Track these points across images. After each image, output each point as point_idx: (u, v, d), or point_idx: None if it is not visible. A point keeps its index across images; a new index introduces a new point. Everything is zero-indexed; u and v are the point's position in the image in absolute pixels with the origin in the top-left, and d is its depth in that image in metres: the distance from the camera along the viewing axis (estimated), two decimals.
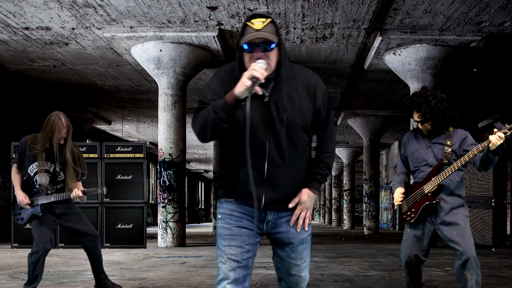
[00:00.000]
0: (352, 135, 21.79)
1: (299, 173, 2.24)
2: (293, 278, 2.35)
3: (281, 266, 2.36)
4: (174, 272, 5.94)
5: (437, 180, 3.35)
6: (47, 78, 13.05)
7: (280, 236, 2.28)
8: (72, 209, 4.34)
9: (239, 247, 2.17)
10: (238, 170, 2.18)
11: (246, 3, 8.47)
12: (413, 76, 10.60)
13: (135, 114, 17.96)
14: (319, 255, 8.49)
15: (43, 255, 4.09)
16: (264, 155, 2.13)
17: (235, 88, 2.02)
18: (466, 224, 3.35)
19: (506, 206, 10.96)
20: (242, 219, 2.21)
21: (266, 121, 2.12)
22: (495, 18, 9.00)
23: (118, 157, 9.91)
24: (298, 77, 2.19)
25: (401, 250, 3.61)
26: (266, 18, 2.08)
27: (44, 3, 8.39)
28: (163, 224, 10.45)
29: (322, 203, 48.74)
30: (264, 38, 2.04)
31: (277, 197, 2.20)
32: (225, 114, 2.03)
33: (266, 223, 2.26)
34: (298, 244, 2.30)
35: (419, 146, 3.51)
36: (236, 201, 2.23)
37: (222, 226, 2.22)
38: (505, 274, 5.89)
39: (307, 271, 2.41)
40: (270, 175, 2.16)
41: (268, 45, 2.06)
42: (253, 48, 2.06)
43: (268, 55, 2.08)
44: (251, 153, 2.07)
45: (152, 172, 29.34)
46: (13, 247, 9.68)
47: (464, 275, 3.28)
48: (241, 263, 2.17)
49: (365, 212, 19.78)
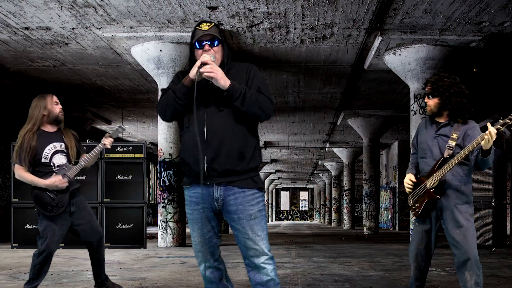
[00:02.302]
0: (352, 135, 21.79)
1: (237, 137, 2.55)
2: (250, 251, 2.56)
3: (239, 243, 2.61)
4: (174, 272, 5.94)
5: (438, 175, 3.31)
6: (47, 78, 13.05)
7: (230, 214, 2.59)
8: (83, 204, 4.30)
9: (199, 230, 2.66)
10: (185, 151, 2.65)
11: (246, 3, 8.47)
12: (413, 76, 10.60)
13: (135, 114, 17.96)
14: (319, 255, 8.49)
15: (51, 255, 4.08)
16: (203, 125, 2.55)
17: (189, 73, 2.56)
18: (469, 224, 3.30)
19: (506, 206, 10.96)
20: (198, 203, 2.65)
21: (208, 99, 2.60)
22: (495, 18, 9.00)
23: (118, 157, 9.91)
24: (236, 66, 2.72)
25: (410, 244, 3.59)
26: (211, 23, 2.64)
27: (44, 3, 8.39)
28: (163, 224, 10.46)
29: (322, 203, 48.76)
30: (210, 35, 2.60)
31: (219, 163, 2.53)
32: (181, 94, 2.56)
33: (216, 201, 2.59)
34: (247, 220, 2.56)
35: (427, 136, 3.49)
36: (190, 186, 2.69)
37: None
38: (505, 274, 5.90)
39: (264, 247, 2.57)
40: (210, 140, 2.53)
41: (213, 42, 2.61)
42: (202, 45, 2.62)
43: (214, 50, 2.62)
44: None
45: (152, 172, 29.33)
46: (13, 247, 9.68)
47: (464, 275, 3.26)
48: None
49: (365, 212, 19.78)
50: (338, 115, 17.82)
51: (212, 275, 2.68)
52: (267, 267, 2.55)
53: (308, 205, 62.50)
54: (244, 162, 2.57)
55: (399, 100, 15.66)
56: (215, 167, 2.54)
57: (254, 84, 2.63)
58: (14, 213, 9.70)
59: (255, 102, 2.53)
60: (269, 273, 2.56)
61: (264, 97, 2.58)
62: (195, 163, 2.55)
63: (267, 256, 2.56)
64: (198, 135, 2.50)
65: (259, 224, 2.58)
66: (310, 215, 61.57)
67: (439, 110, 3.44)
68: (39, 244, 4.07)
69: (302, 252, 9.03)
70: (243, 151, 2.56)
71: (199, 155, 2.49)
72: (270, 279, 2.55)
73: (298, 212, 61.74)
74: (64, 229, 4.17)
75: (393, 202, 25.41)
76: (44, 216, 4.08)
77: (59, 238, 4.14)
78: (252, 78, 2.66)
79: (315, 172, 39.96)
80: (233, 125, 2.55)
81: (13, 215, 9.69)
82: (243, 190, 2.58)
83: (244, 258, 2.61)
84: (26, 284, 4.11)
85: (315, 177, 44.56)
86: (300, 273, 5.78)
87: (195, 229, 2.65)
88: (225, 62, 2.67)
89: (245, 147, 2.57)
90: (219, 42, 2.63)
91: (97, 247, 4.35)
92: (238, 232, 2.59)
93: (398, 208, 23.73)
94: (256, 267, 2.56)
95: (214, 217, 2.65)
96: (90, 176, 9.47)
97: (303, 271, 6.04)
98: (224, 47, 2.67)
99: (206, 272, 2.67)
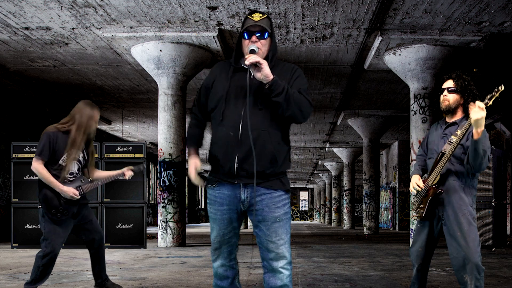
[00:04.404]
0: (352, 135, 21.79)
1: (273, 138, 2.47)
2: (270, 254, 2.50)
3: (260, 244, 2.55)
4: (174, 272, 5.94)
5: (437, 170, 3.30)
6: (47, 78, 13.06)
7: (255, 215, 2.51)
8: (87, 206, 4.31)
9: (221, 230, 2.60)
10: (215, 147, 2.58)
11: (246, 3, 8.47)
12: (413, 76, 10.60)
13: (135, 114, 17.96)
14: (319, 255, 8.49)
15: (55, 257, 4.07)
16: (239, 122, 2.47)
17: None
18: (471, 227, 3.24)
19: (506, 206, 10.96)
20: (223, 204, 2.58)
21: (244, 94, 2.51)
22: (495, 18, 9.00)
23: (118, 157, 9.90)
24: (281, 65, 2.62)
25: (412, 244, 3.58)
26: (264, 14, 2.52)
27: (44, 3, 8.39)
28: (163, 224, 10.46)
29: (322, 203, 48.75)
30: (260, 27, 2.48)
31: (250, 164, 2.45)
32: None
33: (242, 203, 2.51)
34: (272, 222, 2.49)
35: (436, 137, 3.48)
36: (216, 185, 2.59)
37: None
38: (505, 274, 5.90)
39: (286, 250, 2.52)
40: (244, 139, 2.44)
41: (262, 34, 2.50)
42: (250, 36, 2.50)
43: (262, 43, 2.51)
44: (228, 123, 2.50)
45: (152, 172, 29.33)
46: (13, 247, 9.68)
47: (463, 278, 3.23)
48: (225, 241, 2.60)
49: (365, 212, 19.79)
50: (338, 115, 17.83)
51: (225, 273, 2.62)
52: (284, 272, 2.50)
53: (308, 205, 62.49)
54: (275, 166, 2.49)
55: (399, 100, 15.66)
56: (245, 168, 2.45)
57: (296, 84, 2.53)
58: (14, 213, 9.70)
59: (296, 102, 2.43)
60: (285, 279, 2.50)
61: (304, 98, 2.48)
62: (226, 161, 2.47)
63: (286, 260, 2.51)
64: (232, 132, 2.44)
65: (284, 227, 2.51)
66: (310, 215, 61.55)
67: (456, 107, 3.39)
68: (43, 246, 4.04)
69: (302, 252, 9.03)
70: (275, 155, 2.47)
71: (232, 153, 2.44)
72: (284, 285, 2.50)
73: (298, 212, 61.71)
74: (68, 230, 4.17)
75: (393, 202, 25.41)
76: (49, 218, 4.06)
77: (63, 240, 4.14)
78: (295, 79, 2.56)
79: (315, 172, 39.96)
80: (269, 126, 2.46)
81: (13, 215, 9.69)
82: (269, 192, 2.50)
83: (263, 260, 2.55)
84: (26, 284, 4.09)
85: (315, 177, 44.56)
86: (300, 273, 5.78)
87: (216, 229, 2.58)
88: (269, 57, 2.55)
89: (278, 150, 2.49)
90: (269, 35, 2.52)
91: (98, 247, 4.35)
92: (262, 233, 2.52)
93: (398, 208, 23.73)
94: (273, 270, 2.50)
95: (237, 218, 2.58)
96: None
97: (303, 271, 6.04)
98: (273, 41, 2.56)
99: (220, 269, 2.61)
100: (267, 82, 2.40)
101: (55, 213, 4.03)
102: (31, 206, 9.48)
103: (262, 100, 2.46)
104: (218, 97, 2.54)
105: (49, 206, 4.03)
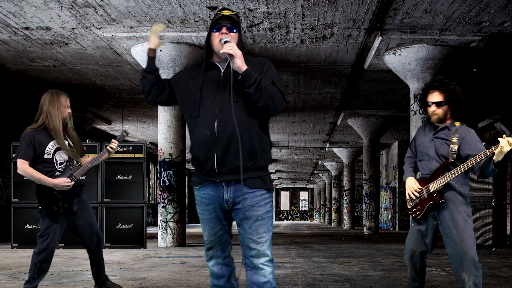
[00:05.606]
0: (352, 135, 21.79)
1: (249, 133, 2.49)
2: (252, 251, 2.54)
3: (242, 242, 2.58)
4: (174, 272, 5.94)
5: (443, 180, 3.31)
6: (47, 78, 13.06)
7: (237, 212, 2.56)
8: (86, 205, 4.31)
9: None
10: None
11: (246, 3, 8.47)
12: (413, 76, 10.60)
13: (135, 114, 17.96)
14: (319, 255, 8.49)
15: (52, 254, 4.08)
16: (214, 119, 2.50)
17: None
18: (467, 225, 3.29)
19: (506, 206, 10.96)
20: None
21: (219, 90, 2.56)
22: (495, 18, 9.00)
23: (118, 157, 9.90)
24: (249, 59, 2.62)
25: (406, 245, 3.60)
26: (233, 11, 2.61)
27: (44, 3, 8.39)
28: (163, 224, 10.46)
29: (322, 203, 48.75)
30: (230, 20, 2.57)
31: (229, 160, 2.48)
32: (147, 66, 2.71)
33: (226, 202, 2.56)
34: (254, 221, 2.53)
35: (425, 139, 3.51)
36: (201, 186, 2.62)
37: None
38: (505, 274, 5.90)
39: (267, 248, 2.55)
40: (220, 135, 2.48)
41: (232, 27, 2.57)
42: (220, 29, 2.57)
43: (232, 36, 2.57)
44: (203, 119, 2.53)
45: (152, 172, 29.33)
46: (13, 247, 9.68)
47: (461, 276, 3.25)
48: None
49: (365, 212, 19.79)
50: (338, 115, 17.82)
51: (221, 271, 2.67)
52: (266, 269, 2.53)
53: (308, 205, 62.48)
54: (255, 159, 2.52)
55: (399, 100, 15.66)
56: (225, 164, 2.49)
57: (268, 76, 2.56)
58: (14, 213, 9.70)
59: (269, 92, 2.45)
60: (267, 275, 2.53)
61: (277, 90, 2.51)
62: (207, 161, 2.51)
63: (267, 257, 2.54)
64: (207, 130, 2.48)
65: (265, 225, 2.56)
66: (310, 215, 61.55)
67: (445, 117, 3.43)
68: (40, 243, 4.06)
69: (302, 252, 9.03)
70: (253, 148, 2.50)
71: (211, 152, 2.48)
72: (267, 281, 2.53)
73: (298, 212, 61.70)
74: (64, 227, 4.18)
75: (393, 202, 25.41)
76: (47, 215, 4.07)
77: (59, 237, 4.15)
78: (266, 71, 2.59)
79: (315, 172, 39.96)
80: (245, 119, 2.50)
81: (13, 215, 9.70)
82: (252, 191, 2.54)
83: (244, 257, 2.59)
84: (26, 283, 4.09)
85: (315, 177, 44.56)
86: (300, 273, 5.79)
87: (207, 228, 2.65)
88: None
89: (255, 143, 2.51)
90: (237, 30, 2.59)
91: (96, 248, 4.36)
92: (243, 231, 2.57)
93: (398, 208, 23.74)
94: (255, 267, 2.53)
95: (225, 216, 2.63)
96: (90, 176, 9.46)
97: (303, 271, 6.04)
98: (240, 38, 2.62)
99: (215, 268, 2.67)
100: (240, 73, 2.46)
101: (56, 208, 4.05)
102: (31, 206, 9.47)
103: (236, 92, 2.50)
104: (194, 95, 2.59)
105: (47, 203, 4.05)
